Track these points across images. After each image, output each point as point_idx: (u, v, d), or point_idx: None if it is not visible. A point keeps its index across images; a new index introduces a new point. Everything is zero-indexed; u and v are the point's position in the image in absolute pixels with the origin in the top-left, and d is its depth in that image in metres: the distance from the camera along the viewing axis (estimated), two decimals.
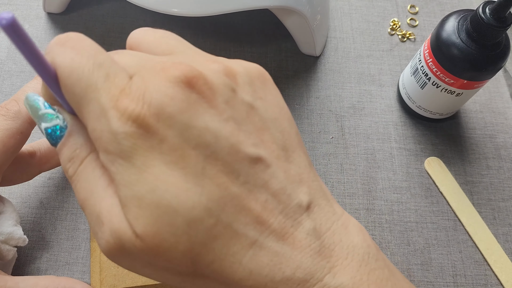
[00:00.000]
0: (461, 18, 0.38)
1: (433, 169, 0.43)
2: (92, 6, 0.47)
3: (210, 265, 0.20)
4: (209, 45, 0.47)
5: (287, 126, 0.23)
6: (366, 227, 0.40)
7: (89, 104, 0.20)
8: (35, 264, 0.35)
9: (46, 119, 0.23)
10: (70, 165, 0.22)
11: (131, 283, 0.32)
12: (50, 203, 0.38)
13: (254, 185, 0.21)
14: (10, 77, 0.43)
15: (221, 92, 0.21)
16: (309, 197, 0.22)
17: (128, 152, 0.20)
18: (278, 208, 0.21)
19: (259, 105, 0.22)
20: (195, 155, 0.20)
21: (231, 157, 0.20)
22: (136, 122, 0.19)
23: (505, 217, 0.41)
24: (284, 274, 0.21)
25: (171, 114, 0.20)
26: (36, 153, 0.33)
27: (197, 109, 0.20)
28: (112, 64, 0.21)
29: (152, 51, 0.24)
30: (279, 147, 0.22)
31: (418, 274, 0.38)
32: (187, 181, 0.20)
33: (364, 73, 0.47)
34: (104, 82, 0.20)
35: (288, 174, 0.22)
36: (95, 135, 0.20)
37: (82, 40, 0.21)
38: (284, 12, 0.41)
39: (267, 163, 0.21)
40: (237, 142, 0.21)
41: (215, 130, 0.20)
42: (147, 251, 0.20)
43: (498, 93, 0.47)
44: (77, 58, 0.20)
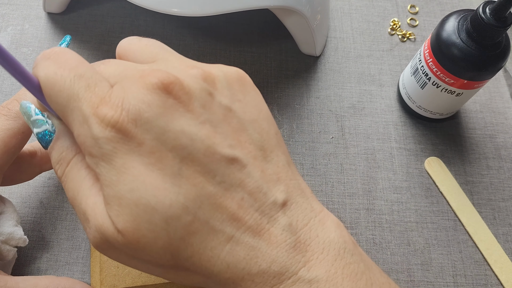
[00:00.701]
0: (461, 18, 0.38)
1: (433, 169, 0.43)
2: (92, 6, 0.47)
3: (189, 258, 0.22)
4: (209, 45, 0.47)
5: (265, 126, 0.24)
6: (366, 227, 0.40)
7: (73, 112, 0.22)
8: (35, 264, 0.35)
9: (37, 125, 0.24)
10: (58, 167, 0.24)
11: (131, 283, 0.32)
12: (50, 203, 0.38)
13: (230, 184, 0.22)
14: (10, 77, 0.43)
15: (198, 96, 0.22)
16: (285, 195, 0.23)
17: (108, 155, 0.21)
18: (254, 206, 0.22)
19: (236, 108, 0.24)
20: (172, 157, 0.21)
21: (207, 158, 0.22)
22: (115, 128, 0.21)
23: (505, 217, 0.41)
24: (260, 267, 0.22)
25: (148, 119, 0.21)
26: (37, 153, 0.33)
27: (173, 113, 0.21)
28: (93, 75, 0.22)
29: (137, 59, 0.25)
30: (256, 147, 0.23)
31: (418, 274, 0.38)
32: (164, 181, 0.21)
33: (364, 73, 0.47)
34: (85, 92, 0.22)
35: (265, 174, 0.23)
36: (80, 140, 0.22)
37: (65, 54, 0.23)
38: (284, 12, 0.41)
39: (243, 163, 0.22)
40: (213, 144, 0.22)
41: (191, 133, 0.22)
42: (128, 246, 0.21)
43: (498, 93, 0.47)
44: (59, 71, 0.22)
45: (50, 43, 0.45)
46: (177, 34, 0.47)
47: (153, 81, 0.22)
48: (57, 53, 0.23)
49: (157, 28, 0.47)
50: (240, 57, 0.46)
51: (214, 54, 0.46)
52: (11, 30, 0.45)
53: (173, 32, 0.47)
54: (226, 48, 0.47)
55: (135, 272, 0.33)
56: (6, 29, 0.45)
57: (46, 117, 0.24)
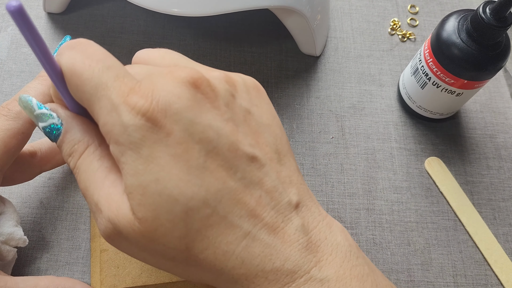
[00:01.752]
0: (461, 18, 0.38)
1: (434, 169, 0.43)
2: (92, 6, 0.47)
3: (204, 251, 0.22)
4: (209, 45, 0.47)
5: (279, 132, 0.25)
6: (366, 227, 0.40)
7: (100, 101, 0.22)
8: (35, 264, 0.35)
9: (42, 119, 0.24)
10: (70, 159, 0.24)
11: (131, 283, 0.32)
12: (50, 203, 0.38)
13: (250, 181, 0.22)
14: (10, 77, 0.43)
15: (223, 95, 0.23)
16: (298, 197, 0.24)
17: (137, 144, 0.21)
18: (270, 204, 0.23)
19: (255, 111, 0.24)
20: (198, 149, 0.21)
21: (230, 153, 0.22)
22: (145, 116, 0.21)
23: (505, 217, 0.41)
24: (274, 264, 0.22)
25: (177, 110, 0.21)
26: (37, 153, 0.33)
27: (201, 107, 0.22)
28: (121, 67, 0.23)
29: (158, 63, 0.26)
30: (272, 150, 0.24)
31: (418, 274, 0.38)
32: (189, 173, 0.21)
33: (364, 73, 0.47)
34: (114, 81, 0.22)
35: (280, 175, 0.24)
36: (106, 128, 0.22)
37: (92, 45, 0.23)
38: (284, 12, 0.41)
39: (262, 163, 0.23)
40: (236, 140, 0.22)
41: (217, 128, 0.22)
42: (144, 234, 0.22)
43: (498, 93, 0.47)
44: (87, 60, 0.22)
45: (50, 43, 0.45)
46: (177, 34, 0.47)
47: (182, 75, 0.22)
48: (84, 44, 0.23)
49: (157, 28, 0.47)
50: (240, 57, 0.46)
51: (214, 54, 0.46)
52: (11, 30, 0.45)
53: (173, 32, 0.47)
54: (226, 48, 0.47)
55: (135, 272, 0.33)
56: (6, 29, 0.45)
57: (49, 110, 0.24)
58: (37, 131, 0.40)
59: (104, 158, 0.24)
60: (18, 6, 0.19)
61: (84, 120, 0.25)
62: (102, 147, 0.24)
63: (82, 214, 0.37)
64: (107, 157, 0.24)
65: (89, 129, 0.24)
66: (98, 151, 0.24)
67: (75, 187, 0.38)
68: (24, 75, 0.43)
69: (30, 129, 0.30)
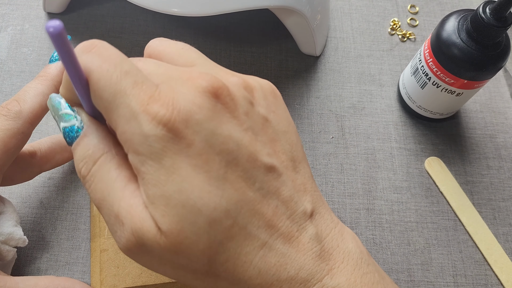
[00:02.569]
0: (461, 18, 0.38)
1: (434, 169, 0.42)
2: (92, 6, 0.47)
3: (224, 263, 0.22)
4: (209, 45, 0.47)
5: (294, 139, 0.25)
6: (366, 227, 0.40)
7: (118, 109, 0.21)
8: (35, 264, 0.35)
9: (64, 119, 0.24)
10: (82, 165, 0.23)
11: (131, 283, 0.32)
12: (50, 203, 0.38)
13: (267, 191, 0.23)
14: (10, 77, 0.43)
15: (242, 104, 0.23)
16: (312, 206, 0.24)
17: (158, 154, 0.21)
18: (286, 214, 0.23)
19: (272, 118, 0.24)
20: (218, 160, 0.21)
21: (249, 164, 0.22)
22: (166, 126, 0.21)
23: (505, 217, 0.41)
24: (289, 274, 0.22)
25: (198, 121, 0.21)
26: (36, 153, 0.33)
27: (221, 118, 0.22)
28: (138, 72, 0.22)
29: (174, 61, 0.25)
30: (288, 157, 0.24)
31: (418, 274, 0.38)
32: (210, 184, 0.21)
33: (364, 73, 0.47)
34: (132, 88, 0.21)
35: (295, 183, 0.24)
36: (125, 137, 0.21)
37: (107, 48, 0.22)
38: (284, 12, 0.41)
39: (279, 172, 0.23)
40: (255, 151, 0.22)
41: (237, 138, 0.22)
42: (169, 248, 0.21)
43: (498, 93, 0.47)
44: (105, 65, 0.22)
45: (50, 43, 0.45)
46: (177, 34, 0.47)
47: (203, 84, 0.22)
48: (99, 47, 0.22)
49: (157, 28, 0.47)
50: (240, 57, 0.46)
51: (214, 54, 0.46)
52: (11, 30, 0.45)
53: (173, 32, 0.47)
54: (226, 48, 0.47)
55: (135, 272, 0.33)
56: (6, 29, 0.45)
57: (75, 112, 0.24)
58: (36, 131, 0.40)
59: (122, 167, 0.23)
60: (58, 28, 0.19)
61: (103, 127, 0.24)
62: (119, 156, 0.23)
63: (82, 214, 0.37)
64: (125, 166, 0.23)
65: (107, 137, 0.24)
66: (115, 160, 0.23)
67: (75, 187, 0.38)
68: (24, 75, 0.43)
69: (30, 129, 0.30)
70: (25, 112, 0.29)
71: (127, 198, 0.22)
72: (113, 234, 0.23)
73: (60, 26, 0.19)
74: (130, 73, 0.22)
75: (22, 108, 0.29)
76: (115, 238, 0.23)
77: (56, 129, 0.41)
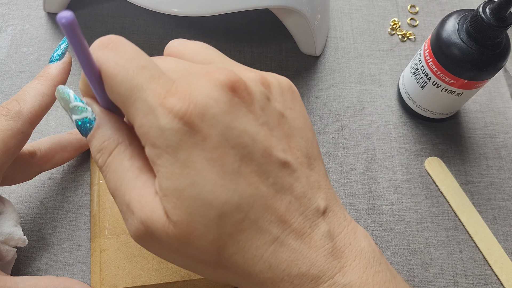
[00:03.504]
0: (461, 18, 0.38)
1: (434, 169, 0.43)
2: (92, 6, 0.47)
3: (233, 255, 0.22)
4: (209, 45, 0.46)
5: (310, 136, 0.25)
6: (366, 227, 0.40)
7: (135, 103, 0.22)
8: (35, 264, 0.35)
9: (77, 112, 0.24)
10: (99, 156, 0.24)
11: (131, 283, 0.32)
12: (50, 203, 0.38)
13: (281, 187, 0.23)
14: (10, 77, 0.43)
15: (258, 98, 0.23)
16: (325, 203, 0.24)
17: (174, 147, 0.21)
18: (299, 210, 0.23)
19: (288, 114, 0.24)
20: (233, 154, 0.22)
21: (264, 159, 0.22)
22: (182, 120, 0.21)
23: (505, 217, 0.41)
24: (300, 269, 0.22)
25: (215, 114, 0.21)
26: (36, 152, 0.33)
27: (237, 112, 0.22)
28: (155, 67, 0.22)
29: (193, 59, 0.25)
30: (303, 154, 0.24)
31: (418, 274, 0.38)
32: (223, 177, 0.21)
33: (364, 73, 0.47)
34: (149, 82, 0.22)
35: (309, 180, 0.24)
36: (142, 130, 0.22)
37: (124, 43, 0.23)
38: (284, 12, 0.41)
39: (293, 168, 0.23)
40: (270, 146, 0.23)
41: (253, 133, 0.22)
42: (178, 238, 0.22)
43: (498, 93, 0.47)
44: (121, 60, 0.22)
45: (50, 43, 0.45)
46: (177, 34, 0.47)
47: (220, 78, 0.22)
48: (116, 42, 0.23)
49: (157, 28, 0.47)
50: (240, 57, 0.46)
51: None
52: (11, 30, 0.45)
53: (173, 32, 0.47)
54: (226, 48, 0.47)
55: (135, 272, 0.33)
56: (6, 29, 0.45)
57: (85, 104, 0.24)
58: (36, 131, 0.40)
59: (135, 158, 0.24)
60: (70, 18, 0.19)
61: (115, 117, 0.25)
62: (132, 147, 0.24)
63: (82, 214, 0.37)
64: (138, 156, 0.24)
65: (120, 127, 0.24)
66: (128, 150, 0.24)
67: (75, 187, 0.38)
68: (24, 75, 0.43)
69: (30, 129, 0.30)
70: (25, 112, 0.29)
71: (138, 188, 0.23)
72: (125, 222, 0.23)
73: (71, 17, 0.19)
74: (147, 67, 0.22)
75: (22, 108, 0.29)
76: (127, 226, 0.23)
77: (56, 129, 0.41)
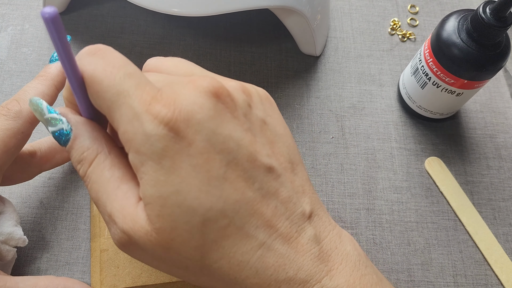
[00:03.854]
0: (461, 18, 0.38)
1: (434, 169, 0.42)
2: (92, 6, 0.47)
3: (218, 261, 0.22)
4: (209, 45, 0.47)
5: (291, 142, 0.26)
6: (366, 227, 0.40)
7: (121, 108, 0.22)
8: (35, 264, 0.35)
9: (52, 123, 0.24)
10: (80, 167, 0.24)
11: (131, 283, 0.32)
12: (50, 203, 0.38)
13: (267, 192, 0.23)
14: (10, 77, 0.43)
15: (241, 105, 0.23)
16: (310, 207, 0.24)
17: (158, 154, 0.21)
18: (285, 214, 0.23)
19: (269, 121, 0.25)
20: (219, 159, 0.22)
21: (249, 164, 0.22)
22: (167, 126, 0.21)
23: (505, 217, 0.41)
24: (287, 274, 0.22)
25: (200, 120, 0.21)
26: (36, 152, 0.33)
27: (222, 118, 0.22)
28: (141, 75, 0.23)
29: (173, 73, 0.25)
30: (286, 159, 0.24)
31: (418, 274, 0.38)
32: (209, 183, 0.21)
33: (364, 73, 0.47)
34: (135, 89, 0.22)
35: (294, 185, 0.24)
36: (126, 136, 0.22)
37: (112, 52, 0.23)
38: (284, 12, 0.41)
39: (278, 173, 0.23)
40: (255, 151, 0.23)
41: (238, 138, 0.22)
42: (161, 244, 0.22)
43: (499, 93, 0.47)
44: (109, 67, 0.22)
45: (50, 43, 0.45)
46: (177, 34, 0.47)
47: (204, 84, 0.22)
48: (104, 50, 0.23)
49: (157, 28, 0.47)
50: (240, 57, 0.46)
51: (214, 54, 0.46)
52: (11, 30, 0.45)
53: (173, 32, 0.47)
54: (226, 48, 0.47)
55: (135, 272, 0.33)
56: (6, 29, 0.45)
57: (59, 114, 0.24)
58: (36, 131, 0.40)
59: (115, 167, 0.24)
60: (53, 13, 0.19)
61: (94, 126, 0.25)
62: (112, 155, 0.24)
63: (82, 214, 0.37)
64: (118, 165, 0.24)
65: (99, 136, 0.24)
66: (108, 160, 0.24)
67: (75, 187, 0.38)
68: (24, 75, 0.43)
69: (30, 128, 0.30)
70: (25, 112, 0.29)
71: (120, 199, 0.23)
72: (109, 230, 0.24)
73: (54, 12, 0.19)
74: (134, 75, 0.22)
75: (22, 108, 0.29)
76: (111, 234, 0.23)
77: None
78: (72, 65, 0.22)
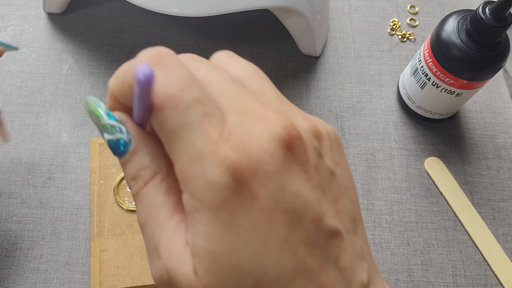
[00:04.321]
0: (461, 18, 0.38)
1: (433, 169, 0.43)
2: (92, 6, 0.47)
3: None
4: (209, 45, 0.47)
5: (355, 196, 0.23)
6: (366, 227, 0.40)
7: (181, 143, 0.19)
8: (35, 264, 0.35)
9: (109, 131, 0.21)
10: (133, 184, 0.21)
11: (131, 283, 0.32)
12: (50, 203, 0.38)
13: (327, 259, 0.20)
14: (10, 77, 0.43)
15: (312, 156, 0.20)
16: (368, 275, 0.22)
17: (217, 205, 0.19)
18: (342, 284, 0.21)
19: (337, 172, 0.22)
20: (281, 220, 0.19)
21: (313, 227, 0.20)
22: (233, 175, 0.18)
23: (505, 217, 0.41)
24: None
25: (268, 173, 0.19)
26: None
27: (292, 172, 0.19)
28: (208, 99, 0.19)
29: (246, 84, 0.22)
30: (349, 218, 0.22)
31: (418, 274, 0.38)
32: (267, 246, 0.19)
33: (364, 73, 0.47)
34: (201, 121, 0.19)
35: (354, 249, 0.22)
36: (183, 175, 0.19)
37: (176, 64, 0.19)
38: (284, 12, 0.41)
39: (341, 236, 0.21)
40: (321, 212, 0.20)
41: (305, 197, 0.20)
42: None
43: (498, 93, 0.47)
44: (172, 88, 0.19)
45: (50, 43, 0.45)
46: (177, 34, 0.47)
47: (279, 129, 0.19)
48: (167, 61, 0.19)
49: (157, 28, 0.47)
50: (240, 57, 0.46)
51: None
52: (11, 30, 0.45)
53: (173, 32, 0.47)
54: (226, 48, 0.47)
55: (135, 272, 0.33)
56: (6, 29, 0.45)
57: (118, 122, 0.21)
58: (36, 131, 0.40)
59: (171, 192, 0.21)
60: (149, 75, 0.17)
61: (153, 141, 0.22)
62: (169, 178, 0.21)
63: (82, 214, 0.37)
64: (174, 190, 0.21)
65: (159, 155, 0.21)
66: (165, 183, 0.21)
67: (75, 187, 0.38)
68: (24, 75, 0.43)
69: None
70: None
71: (170, 231, 0.20)
72: (149, 261, 0.21)
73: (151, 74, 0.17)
74: (200, 101, 0.19)
75: None
76: (150, 266, 0.21)
77: (56, 129, 0.41)
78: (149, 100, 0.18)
